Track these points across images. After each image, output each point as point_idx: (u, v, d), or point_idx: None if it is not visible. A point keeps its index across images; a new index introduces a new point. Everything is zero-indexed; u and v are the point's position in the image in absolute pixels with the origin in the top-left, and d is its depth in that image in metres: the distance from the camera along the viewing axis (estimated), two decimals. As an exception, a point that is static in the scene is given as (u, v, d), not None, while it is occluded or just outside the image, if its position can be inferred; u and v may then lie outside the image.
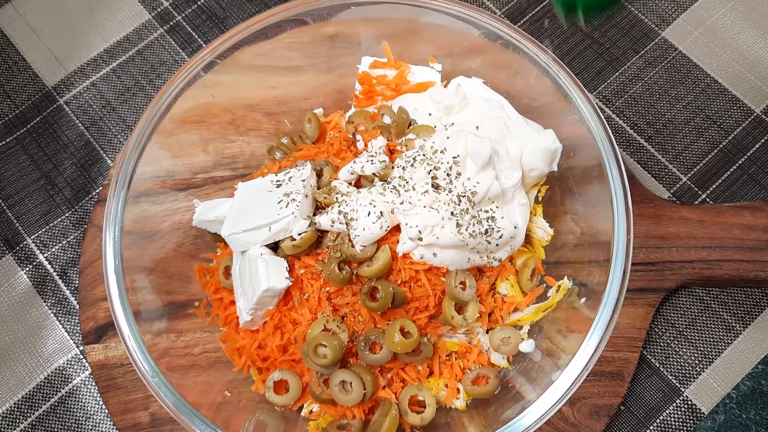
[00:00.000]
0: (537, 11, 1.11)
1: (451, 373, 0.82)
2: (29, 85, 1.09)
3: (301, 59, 0.93)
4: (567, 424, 0.85)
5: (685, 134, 1.03)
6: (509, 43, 0.84)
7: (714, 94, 1.05)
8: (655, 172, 1.01)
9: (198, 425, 0.71)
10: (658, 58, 1.07)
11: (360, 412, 0.80)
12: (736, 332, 0.92)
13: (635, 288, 0.89)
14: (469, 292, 0.79)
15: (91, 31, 1.12)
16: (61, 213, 1.02)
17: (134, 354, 0.74)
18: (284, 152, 0.94)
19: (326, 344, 0.76)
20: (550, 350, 0.80)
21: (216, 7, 1.13)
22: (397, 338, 0.76)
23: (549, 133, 0.85)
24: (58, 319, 0.96)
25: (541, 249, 0.88)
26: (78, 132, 1.06)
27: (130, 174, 0.80)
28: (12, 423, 0.91)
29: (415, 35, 0.91)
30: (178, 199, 0.89)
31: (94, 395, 0.93)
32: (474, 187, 0.78)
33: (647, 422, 0.89)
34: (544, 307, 0.84)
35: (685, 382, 0.90)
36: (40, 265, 0.99)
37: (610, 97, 1.06)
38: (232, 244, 0.83)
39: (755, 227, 0.91)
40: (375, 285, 0.77)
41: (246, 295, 0.80)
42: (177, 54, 1.10)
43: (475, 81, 0.89)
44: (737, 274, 0.89)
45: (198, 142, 0.91)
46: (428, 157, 0.80)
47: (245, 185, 0.85)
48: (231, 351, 0.85)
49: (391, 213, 0.78)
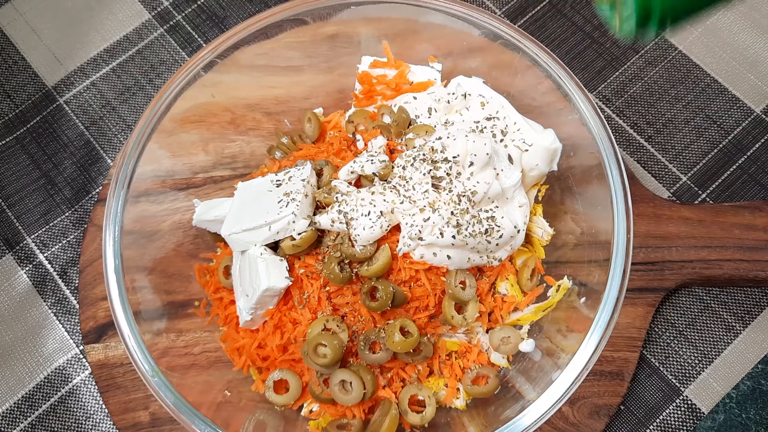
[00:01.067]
0: (537, 11, 1.11)
1: (451, 372, 0.82)
2: (29, 84, 1.09)
3: (301, 59, 0.93)
4: (567, 423, 0.85)
5: (685, 134, 1.03)
6: (509, 42, 0.84)
7: (714, 94, 1.05)
8: (655, 172, 1.01)
9: (198, 425, 0.71)
10: (658, 58, 1.07)
11: (360, 412, 0.80)
12: (736, 332, 0.92)
13: (635, 288, 0.89)
14: (469, 291, 0.79)
15: (91, 30, 1.12)
16: (61, 212, 1.02)
17: (134, 354, 0.74)
18: (284, 152, 0.94)
19: (326, 344, 0.76)
20: (549, 350, 0.80)
21: (216, 7, 1.13)
22: (397, 338, 0.76)
23: (549, 132, 0.85)
24: (58, 319, 0.96)
25: (541, 249, 0.88)
26: (78, 131, 1.06)
27: (130, 174, 0.80)
28: (12, 422, 0.91)
29: (415, 35, 0.91)
30: (178, 199, 0.89)
31: (94, 395, 0.93)
32: (474, 187, 0.78)
33: (647, 422, 0.89)
34: (544, 306, 0.84)
35: (684, 381, 0.90)
36: (40, 265, 0.99)
37: (610, 96, 1.06)
38: (232, 244, 0.83)
39: (755, 227, 0.91)
40: (375, 285, 0.77)
41: (246, 294, 0.80)
42: (177, 54, 1.10)
43: (475, 80, 0.89)
44: (737, 274, 0.89)
45: (198, 141, 0.91)
46: (428, 156, 0.80)
47: (245, 185, 0.85)
48: (231, 350, 0.85)
49: (391, 213, 0.78)
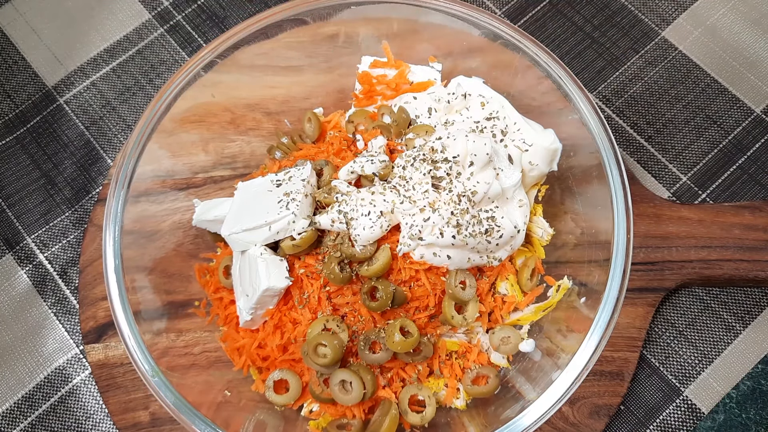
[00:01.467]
0: (537, 11, 1.11)
1: (451, 372, 0.82)
2: (29, 84, 1.09)
3: (301, 59, 0.93)
4: (567, 423, 0.85)
5: (685, 134, 1.03)
6: (509, 42, 0.84)
7: (714, 94, 1.05)
8: (655, 172, 1.01)
9: (198, 425, 0.71)
10: (658, 58, 1.07)
11: (360, 412, 0.80)
12: (736, 332, 0.92)
13: (635, 288, 0.89)
14: (469, 291, 0.79)
15: (91, 30, 1.12)
16: (61, 212, 1.02)
17: (134, 353, 0.74)
18: (284, 152, 0.94)
19: (326, 344, 0.76)
20: (549, 350, 0.80)
21: (216, 7, 1.13)
22: (397, 338, 0.76)
23: (549, 132, 0.85)
24: (58, 319, 0.96)
25: (541, 248, 0.88)
26: (78, 131, 1.06)
27: (130, 173, 0.80)
28: (12, 422, 0.91)
29: (415, 35, 0.91)
30: (178, 199, 0.89)
31: (94, 395, 0.93)
32: (474, 187, 0.78)
33: (647, 422, 0.89)
34: (544, 306, 0.84)
35: (684, 381, 0.90)
36: (40, 265, 0.99)
37: (610, 96, 1.06)
38: (232, 244, 0.83)
39: (755, 227, 0.91)
40: (375, 285, 0.77)
41: (246, 294, 0.80)
42: (177, 53, 1.10)
43: (475, 80, 0.89)
44: (737, 274, 0.89)
45: (198, 141, 0.91)
46: (428, 156, 0.80)
47: (245, 185, 0.85)
48: (231, 350, 0.85)
49: (391, 213, 0.78)
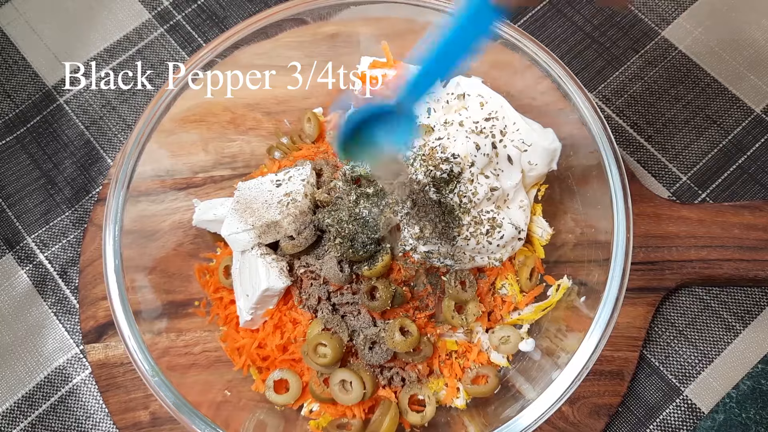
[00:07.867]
0: (537, 11, 1.11)
1: (450, 372, 0.82)
2: (29, 84, 1.09)
3: (301, 59, 0.93)
4: (567, 423, 0.85)
5: (685, 133, 1.03)
6: (509, 42, 0.84)
7: (714, 94, 1.05)
8: (655, 172, 1.01)
9: (198, 424, 0.71)
10: (658, 58, 1.07)
11: (360, 412, 0.80)
12: (736, 332, 0.92)
13: (635, 287, 0.89)
14: (469, 291, 0.79)
15: (91, 30, 1.12)
16: (61, 212, 1.02)
17: (134, 353, 0.74)
18: (284, 152, 0.94)
19: (326, 343, 0.76)
20: (549, 349, 0.80)
21: (216, 7, 1.13)
22: (397, 338, 0.76)
23: (549, 132, 0.85)
24: (58, 319, 0.96)
25: (541, 248, 0.88)
26: (78, 131, 1.06)
27: (130, 173, 0.80)
28: (12, 422, 0.91)
29: (415, 35, 0.91)
30: (178, 199, 0.89)
31: (94, 394, 0.93)
32: (474, 187, 0.78)
33: (647, 421, 0.89)
34: (543, 306, 0.84)
35: (684, 381, 0.90)
36: (40, 265, 0.99)
37: (610, 96, 1.06)
38: (232, 244, 0.83)
39: (755, 227, 0.91)
40: (375, 284, 0.77)
41: (246, 294, 0.80)
42: (177, 53, 1.10)
43: (475, 80, 0.89)
44: (737, 274, 0.89)
45: (198, 141, 0.91)
46: (428, 157, 0.80)
47: (245, 185, 0.85)
48: (231, 350, 0.85)
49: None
